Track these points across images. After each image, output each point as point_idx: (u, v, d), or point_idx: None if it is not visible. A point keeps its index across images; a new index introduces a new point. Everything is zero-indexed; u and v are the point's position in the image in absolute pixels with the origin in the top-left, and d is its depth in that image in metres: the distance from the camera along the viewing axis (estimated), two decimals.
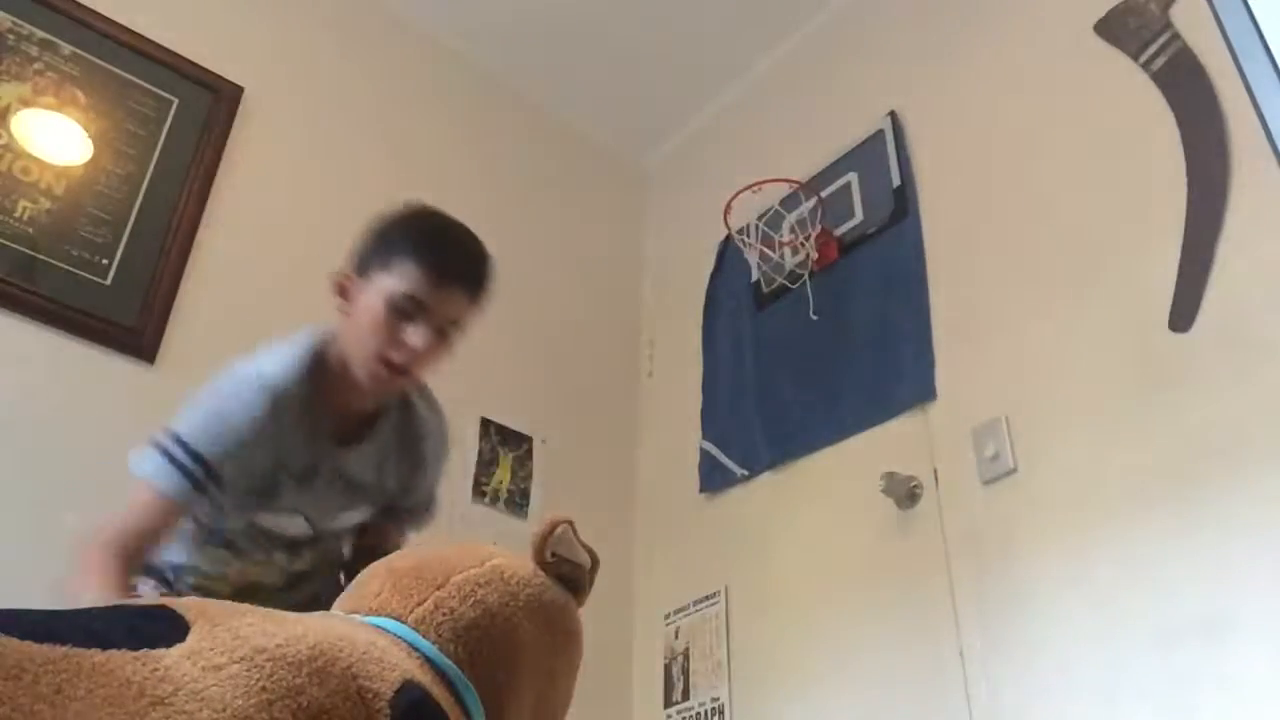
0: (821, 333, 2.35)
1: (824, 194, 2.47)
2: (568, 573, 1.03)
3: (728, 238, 2.66)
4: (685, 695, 2.27)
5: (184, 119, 2.26)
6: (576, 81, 3.07)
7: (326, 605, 0.99)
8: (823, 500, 2.16)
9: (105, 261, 2.04)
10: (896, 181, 2.32)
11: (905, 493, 1.95)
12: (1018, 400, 1.86)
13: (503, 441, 2.42)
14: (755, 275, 2.61)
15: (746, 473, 2.38)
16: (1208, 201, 1.69)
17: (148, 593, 1.32)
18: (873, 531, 2.01)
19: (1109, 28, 1.99)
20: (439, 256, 1.33)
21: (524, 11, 2.89)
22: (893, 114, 2.42)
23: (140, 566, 1.29)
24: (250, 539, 1.39)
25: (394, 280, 1.31)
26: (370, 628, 0.84)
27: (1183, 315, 1.66)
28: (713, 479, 2.47)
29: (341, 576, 1.48)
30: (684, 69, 3.03)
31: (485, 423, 2.40)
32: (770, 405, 2.40)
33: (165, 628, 0.67)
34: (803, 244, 2.44)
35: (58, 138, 2.09)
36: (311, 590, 1.44)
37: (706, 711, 2.19)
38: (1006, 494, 1.81)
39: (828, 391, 2.26)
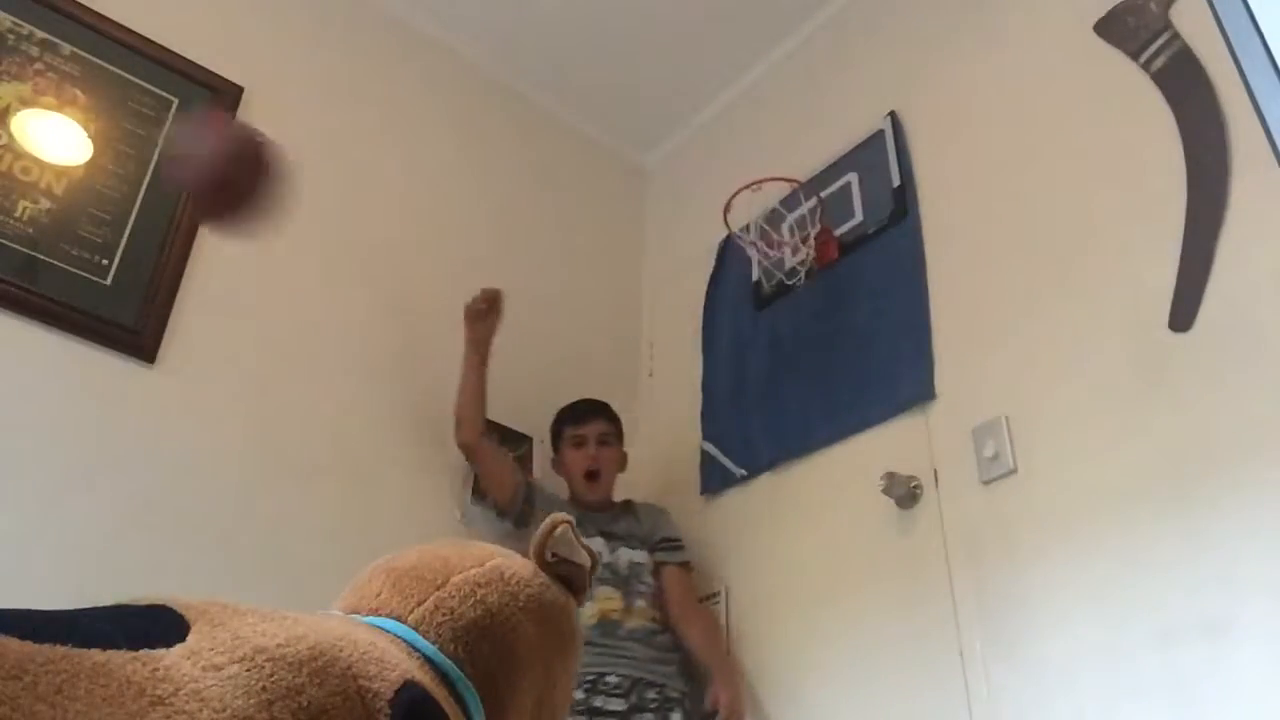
0: (821, 333, 2.35)
1: (824, 194, 2.47)
2: (568, 573, 1.02)
3: (728, 237, 2.66)
4: None
5: (184, 119, 2.27)
6: (576, 81, 3.07)
7: None
8: (823, 500, 2.16)
9: (105, 261, 2.04)
10: (896, 181, 2.32)
11: (905, 493, 1.95)
12: (1018, 400, 1.86)
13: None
14: (755, 275, 2.61)
15: (746, 473, 2.38)
16: (1208, 201, 1.69)
17: None
18: (873, 531, 2.01)
19: (1109, 28, 1.99)
20: (575, 409, 2.44)
21: (524, 11, 2.89)
22: (893, 114, 2.42)
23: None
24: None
25: (565, 438, 2.40)
26: (370, 628, 0.84)
27: (1183, 315, 1.66)
28: (713, 479, 2.47)
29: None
30: (684, 69, 3.03)
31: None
32: (770, 405, 2.40)
33: (165, 628, 0.67)
34: (802, 244, 2.44)
35: (58, 138, 2.09)
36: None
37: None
38: (1006, 494, 1.81)
39: (828, 391, 2.26)
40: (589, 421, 2.39)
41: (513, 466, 2.34)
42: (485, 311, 2.31)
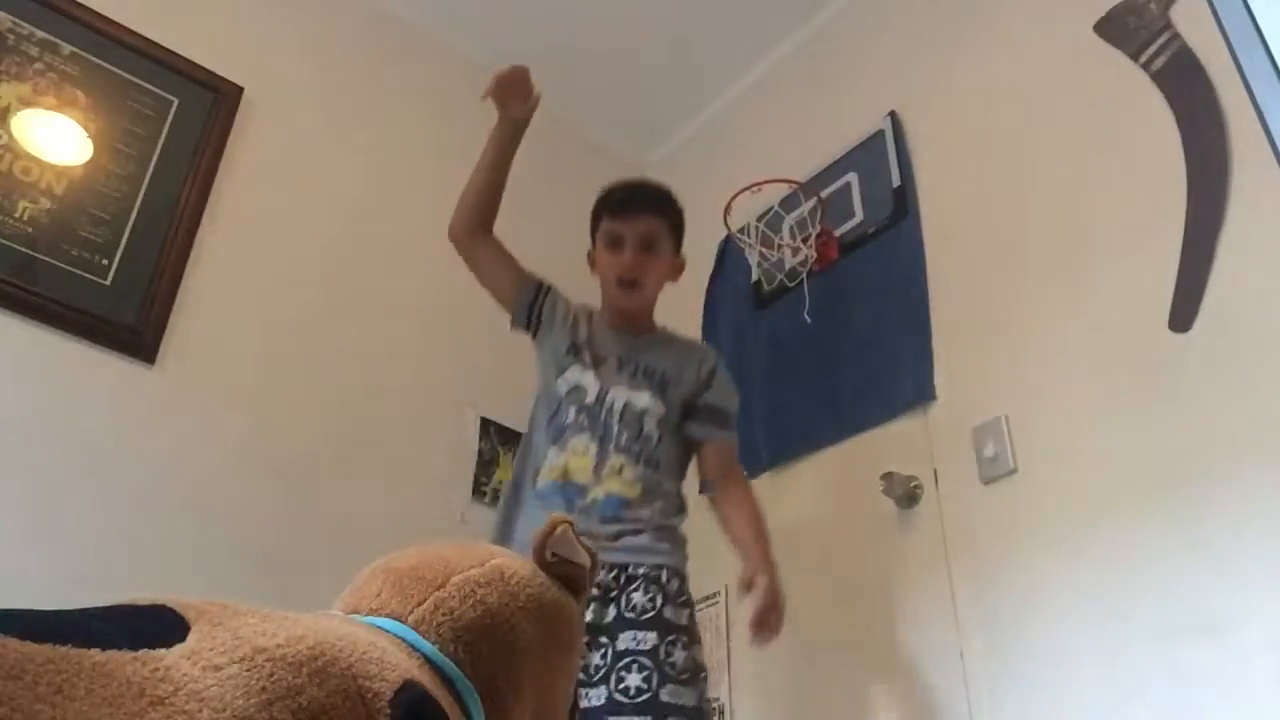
0: (821, 333, 2.35)
1: (824, 194, 2.47)
2: (568, 573, 1.02)
3: (728, 238, 2.66)
4: None
5: (184, 119, 2.27)
6: (576, 81, 3.07)
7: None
8: (823, 500, 2.16)
9: (105, 261, 2.04)
10: (896, 181, 2.32)
11: (905, 493, 1.95)
12: (1018, 400, 1.86)
13: (503, 441, 2.42)
14: (755, 275, 2.61)
15: (746, 473, 2.37)
16: (1208, 201, 1.69)
17: None
18: (873, 531, 2.01)
19: (1109, 28, 1.99)
20: (617, 197, 1.89)
21: (523, 11, 2.89)
22: (893, 114, 2.42)
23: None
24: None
25: (601, 232, 1.89)
26: (370, 628, 0.83)
27: (1183, 315, 1.66)
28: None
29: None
30: (684, 69, 3.03)
31: (485, 423, 2.40)
32: (770, 405, 2.40)
33: (165, 628, 0.67)
34: (803, 244, 2.44)
35: (58, 138, 2.09)
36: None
37: None
38: (1006, 494, 1.81)
39: (828, 391, 2.25)
40: (631, 215, 1.85)
41: (515, 264, 1.92)
42: (514, 87, 1.86)
